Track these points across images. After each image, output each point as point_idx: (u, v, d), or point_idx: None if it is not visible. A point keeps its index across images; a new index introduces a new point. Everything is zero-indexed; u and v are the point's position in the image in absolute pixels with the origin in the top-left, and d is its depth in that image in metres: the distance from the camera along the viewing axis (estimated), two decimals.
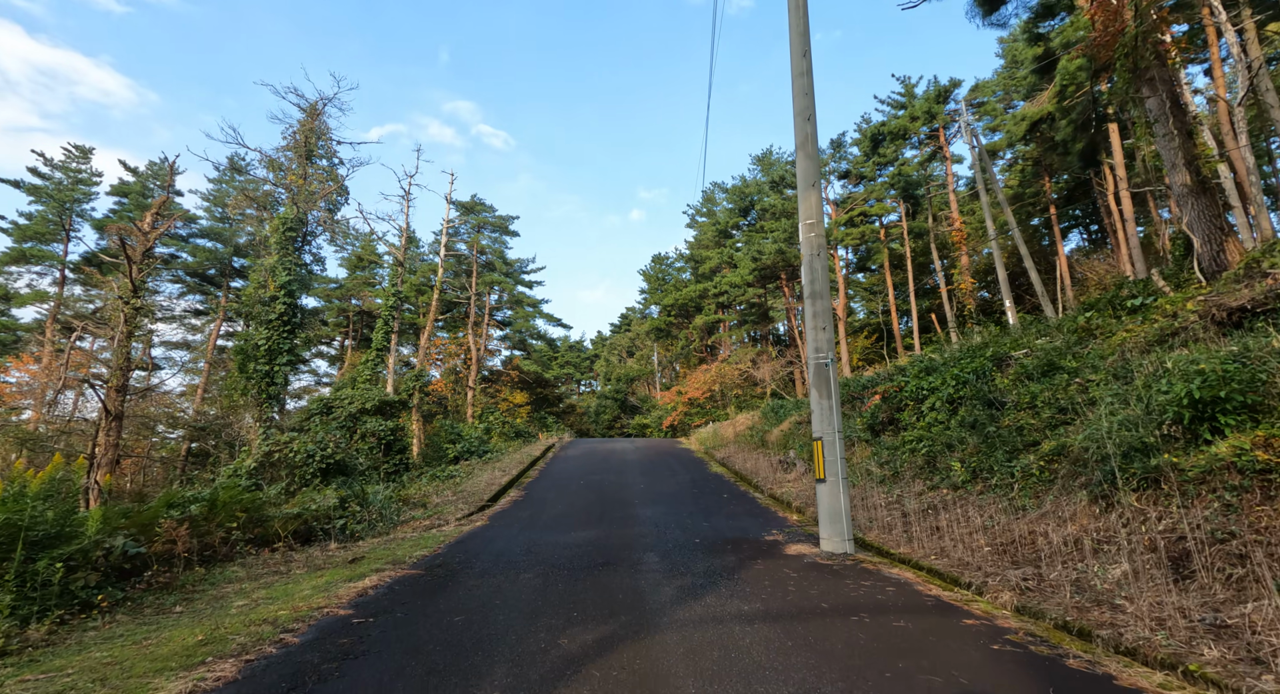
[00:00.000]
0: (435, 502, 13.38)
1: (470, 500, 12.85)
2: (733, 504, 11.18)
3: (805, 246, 7.76)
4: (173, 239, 31.66)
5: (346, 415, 21.81)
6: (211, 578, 6.20)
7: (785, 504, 11.16)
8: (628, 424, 52.59)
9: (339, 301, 38.68)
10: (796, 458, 14.80)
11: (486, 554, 7.38)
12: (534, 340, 48.52)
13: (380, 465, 21.04)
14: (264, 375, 18.67)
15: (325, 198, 21.65)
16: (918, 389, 11.36)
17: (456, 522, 10.61)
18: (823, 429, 7.25)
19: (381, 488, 13.40)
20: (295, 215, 20.07)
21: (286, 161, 21.61)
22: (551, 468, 18.04)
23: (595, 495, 12.46)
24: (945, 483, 8.56)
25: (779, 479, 13.64)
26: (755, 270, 40.34)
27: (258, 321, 19.11)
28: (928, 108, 31.16)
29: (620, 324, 74.34)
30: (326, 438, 17.59)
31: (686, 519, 9.54)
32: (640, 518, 9.75)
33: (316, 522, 9.72)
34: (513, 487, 14.86)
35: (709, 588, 5.43)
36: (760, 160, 48.68)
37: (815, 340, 7.44)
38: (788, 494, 11.78)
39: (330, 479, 17.31)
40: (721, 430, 23.60)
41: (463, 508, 12.05)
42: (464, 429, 30.41)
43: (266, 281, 19.40)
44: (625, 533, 8.48)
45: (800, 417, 17.70)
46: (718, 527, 8.89)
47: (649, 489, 13.11)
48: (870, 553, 7.02)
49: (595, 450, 22.51)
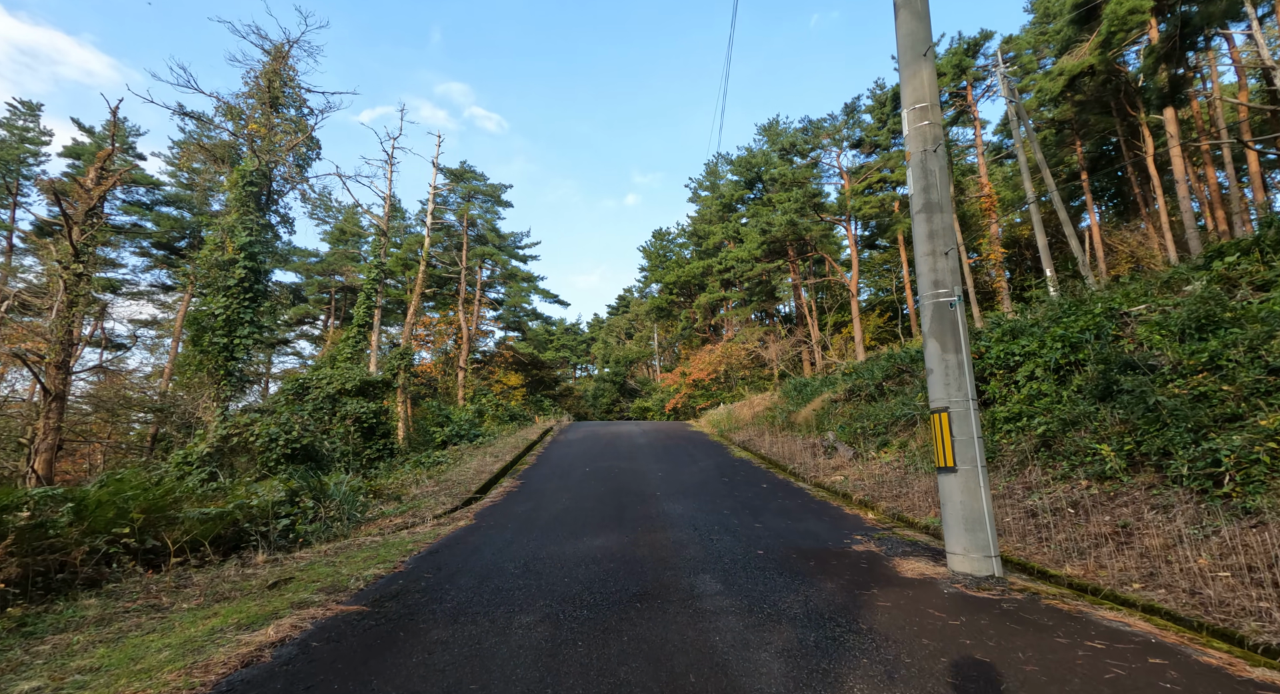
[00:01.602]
0: (414, 494, 11.19)
1: (455, 492, 10.66)
2: (780, 497, 9.02)
3: (915, 140, 5.50)
4: (135, 206, 29.02)
5: (324, 397, 19.59)
6: (31, 626, 3.99)
7: (844, 496, 9.02)
8: (627, 408, 50.51)
9: (320, 277, 36.11)
10: (837, 441, 12.69)
11: (467, 575, 5.19)
12: (530, 319, 46.13)
13: (362, 451, 18.91)
14: (222, 349, 16.36)
15: (293, 150, 19.15)
16: (1005, 355, 9.18)
17: (434, 520, 8.42)
18: (948, 396, 5.05)
19: (347, 478, 11.20)
20: (257, 168, 17.61)
21: (248, 110, 19.08)
22: (551, 453, 15.87)
23: (606, 486, 10.29)
24: (1083, 472, 6.40)
25: (821, 466, 11.51)
26: (764, 244, 38.02)
27: (214, 289, 16.74)
28: (957, 62, 28.67)
29: (618, 305, 71.95)
30: (292, 420, 15.36)
31: (731, 518, 7.38)
32: (670, 516, 7.57)
33: (252, 523, 7.50)
34: (506, 475, 12.68)
35: (834, 652, 3.26)
36: (767, 130, 46.03)
37: (934, 271, 5.21)
38: (841, 484, 9.65)
39: (297, 466, 15.17)
40: (737, 412, 21.47)
41: (445, 502, 9.86)
42: (453, 412, 28.27)
43: (224, 243, 17.00)
44: (657, 539, 6.31)
45: (834, 394, 15.55)
46: (777, 529, 6.72)
47: (670, 478, 10.94)
48: (1025, 575, 4.86)
49: (598, 434, 20.35)
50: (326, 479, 11.11)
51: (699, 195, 52.00)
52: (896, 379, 14.06)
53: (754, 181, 45.20)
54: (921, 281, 5.29)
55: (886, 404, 13.09)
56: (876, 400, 13.75)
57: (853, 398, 14.64)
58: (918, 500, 7.86)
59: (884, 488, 8.91)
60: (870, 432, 12.24)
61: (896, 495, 8.43)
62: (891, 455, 10.80)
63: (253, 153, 17.56)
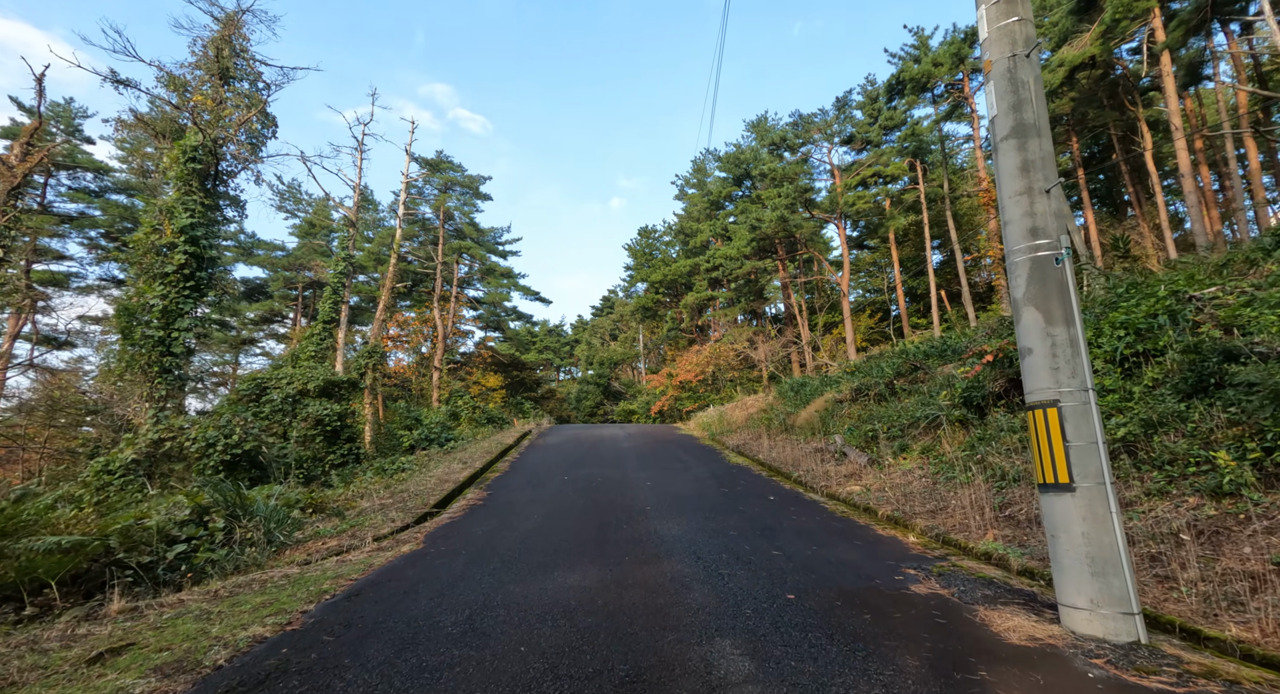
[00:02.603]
0: (362, 507, 9.58)
1: (409, 506, 9.09)
2: (793, 512, 7.59)
3: (999, 44, 4.12)
4: (82, 193, 26.89)
5: (283, 398, 17.86)
6: None
7: (867, 511, 7.63)
8: (611, 410, 48.97)
9: (287, 272, 34.09)
10: (846, 445, 11.33)
11: (383, 638, 3.68)
12: (511, 319, 44.35)
13: (325, 456, 17.19)
14: (157, 343, 14.61)
15: (245, 126, 17.40)
16: None
17: (374, 545, 6.86)
18: (1057, 385, 3.64)
19: (281, 490, 9.59)
20: (202, 143, 15.88)
21: (195, 82, 17.30)
22: (526, 459, 14.32)
23: (587, 499, 8.79)
24: (1188, 486, 5.06)
25: (832, 474, 10.12)
26: (753, 241, 36.77)
27: (149, 275, 14.97)
28: (955, 50, 27.69)
29: (602, 307, 70.41)
30: (233, 422, 13.64)
31: (740, 542, 5.93)
32: (665, 540, 6.11)
33: (133, 552, 5.90)
34: (473, 485, 11.11)
35: None
36: (755, 127, 44.89)
37: (1030, 215, 3.81)
38: (861, 496, 8.26)
39: (239, 475, 13.48)
40: (729, 414, 20.08)
41: (394, 518, 8.29)
42: (425, 414, 26.55)
43: (162, 225, 15.24)
44: (650, 576, 4.84)
45: (838, 394, 14.21)
46: (803, 559, 5.28)
47: (661, 489, 9.48)
48: (1168, 636, 3.46)
49: (580, 437, 18.82)
50: (254, 493, 9.49)
51: (686, 193, 50.72)
52: (909, 377, 12.76)
53: (742, 178, 44.03)
54: (1011, 231, 3.89)
55: (900, 404, 11.77)
56: (887, 400, 12.42)
57: (860, 398, 13.31)
58: (962, 517, 6.49)
59: (914, 501, 7.53)
60: (884, 435, 10.90)
61: (933, 511, 7.06)
62: (913, 462, 9.46)
63: (196, 126, 15.81)
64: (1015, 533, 5.77)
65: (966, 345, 12.20)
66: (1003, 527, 5.99)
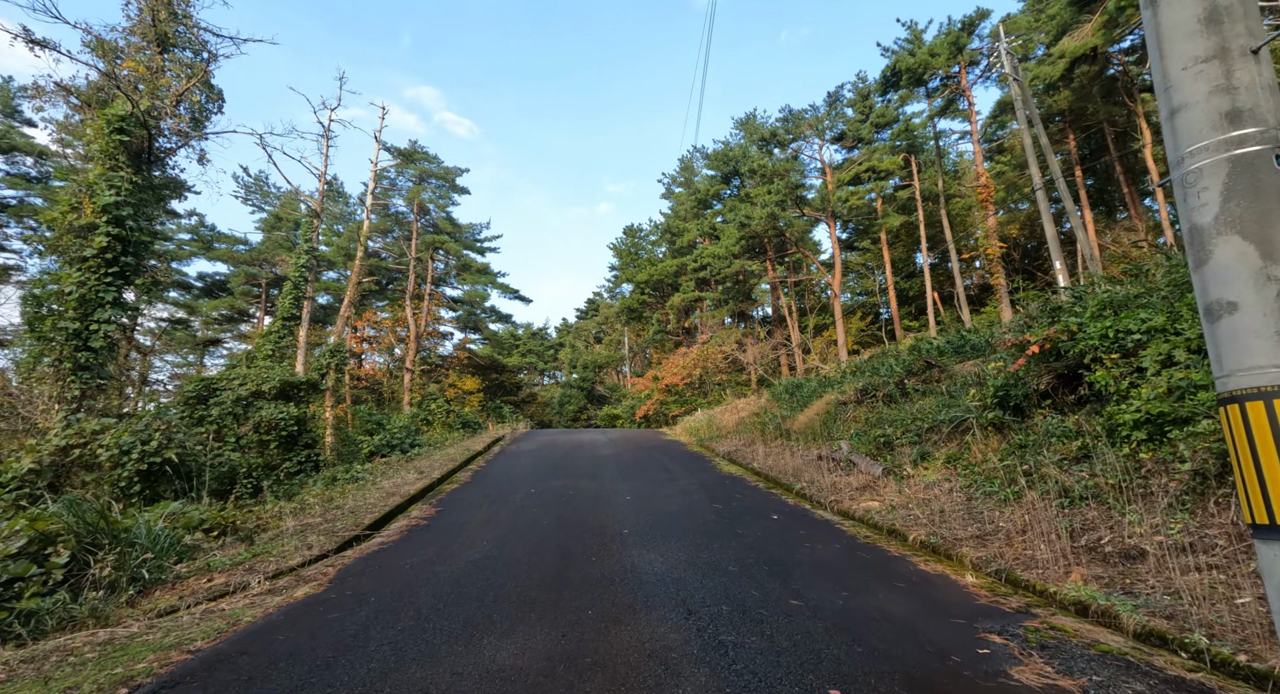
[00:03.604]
0: (286, 528, 7.94)
1: (337, 528, 7.49)
2: (805, 538, 6.12)
3: None
4: (20, 180, 24.85)
5: (234, 400, 16.08)
6: None
7: (893, 535, 6.19)
8: (595, 415, 47.39)
9: (250, 267, 32.08)
10: (854, 453, 9.92)
11: None
12: (491, 321, 42.54)
13: (279, 464, 15.46)
14: (71, 336, 12.85)
15: (184, 98, 15.68)
16: (1116, 334, 6.49)
17: (266, 585, 5.27)
18: (1269, 359, 2.20)
19: (181, 508, 7.95)
20: (131, 113, 14.16)
21: (130, 48, 15.58)
22: (493, 468, 12.74)
23: (552, 518, 7.25)
24: None
25: (841, 486, 8.69)
26: (742, 240, 35.48)
27: (66, 259, 13.22)
28: (954, 40, 26.65)
29: (587, 309, 68.87)
30: (152, 426, 11.89)
31: (745, 586, 4.43)
32: (644, 581, 4.60)
33: None
34: (424, 499, 9.51)
35: None
36: (744, 125, 43.71)
37: (1226, 89, 2.39)
38: (882, 515, 6.83)
39: (159, 488, 11.78)
40: (718, 418, 18.64)
41: (313, 544, 6.69)
42: (388, 418, 24.85)
43: (82, 204, 13.50)
44: (620, 647, 3.33)
45: (841, 395, 12.80)
46: (834, 614, 3.81)
47: (642, 505, 7.97)
48: None
49: (556, 443, 17.25)
50: (152, 512, 7.84)
51: (672, 192, 49.41)
52: (921, 376, 11.39)
53: (731, 176, 42.81)
54: (1187, 122, 2.47)
55: (914, 406, 10.39)
56: (898, 402, 11.04)
57: (866, 399, 11.92)
58: (1023, 546, 5.07)
59: (951, 523, 6.11)
60: (898, 441, 9.51)
61: (980, 536, 5.63)
62: (938, 472, 8.06)
63: (125, 95, 14.08)
64: (1108, 572, 4.34)
65: (988, 340, 10.88)
66: (1087, 562, 4.57)
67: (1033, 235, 36.23)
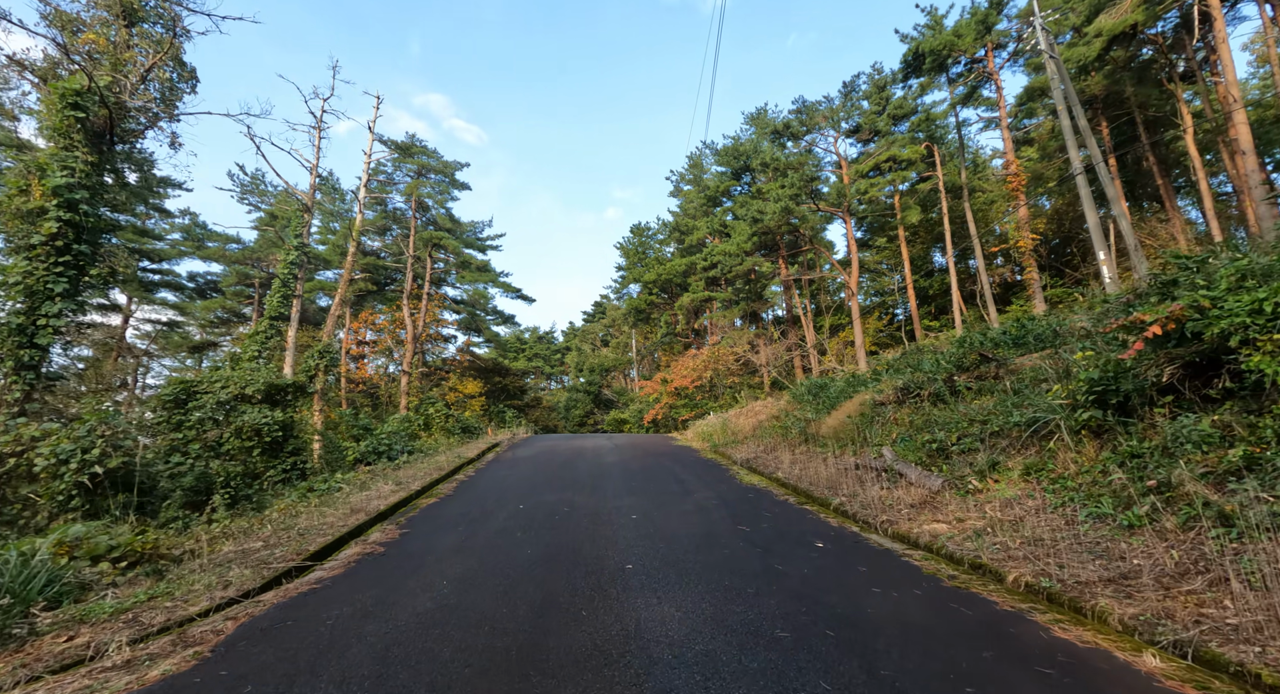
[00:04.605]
0: (222, 555, 6.51)
1: (275, 557, 6.04)
2: (867, 578, 4.60)
3: None
4: None
5: (215, 404, 14.73)
6: None
7: (987, 574, 4.66)
8: (602, 420, 45.91)
9: (242, 266, 30.88)
10: (899, 461, 8.39)
11: None
12: (495, 323, 41.12)
13: (263, 472, 14.11)
14: (14, 332, 11.54)
15: (153, 75, 14.43)
16: (1272, 308, 4.93)
17: (124, 653, 3.81)
18: None
19: (87, 532, 6.53)
20: (88, 87, 12.90)
21: (92, 21, 14.36)
22: (481, 478, 11.28)
23: (537, 547, 5.77)
24: None
25: (891, 502, 7.15)
26: (754, 235, 33.93)
27: (12, 247, 11.95)
28: (982, 18, 25.06)
29: (594, 312, 67.49)
30: (95, 432, 10.52)
31: (812, 675, 2.93)
32: (656, 658, 3.11)
33: None
34: (392, 516, 8.05)
35: None
36: (755, 119, 42.21)
37: None
38: (957, 543, 5.30)
39: (104, 501, 10.41)
40: (733, 422, 17.09)
41: (234, 581, 5.24)
42: (386, 421, 23.45)
43: (31, 187, 12.23)
44: None
45: (877, 394, 11.24)
46: None
47: (650, 527, 6.47)
48: None
49: (556, 450, 15.77)
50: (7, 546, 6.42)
51: (681, 189, 48.00)
52: (974, 371, 9.82)
53: (742, 172, 41.31)
54: None
55: (969, 406, 8.83)
56: (948, 402, 9.48)
57: (909, 399, 10.35)
58: (1195, 598, 3.54)
59: (1060, 555, 4.60)
60: (955, 447, 7.96)
61: (1114, 579, 4.09)
62: (1014, 486, 6.52)
63: (82, 69, 12.82)
64: None
65: (1055, 328, 9.30)
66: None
67: (1060, 230, 34.43)
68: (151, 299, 28.31)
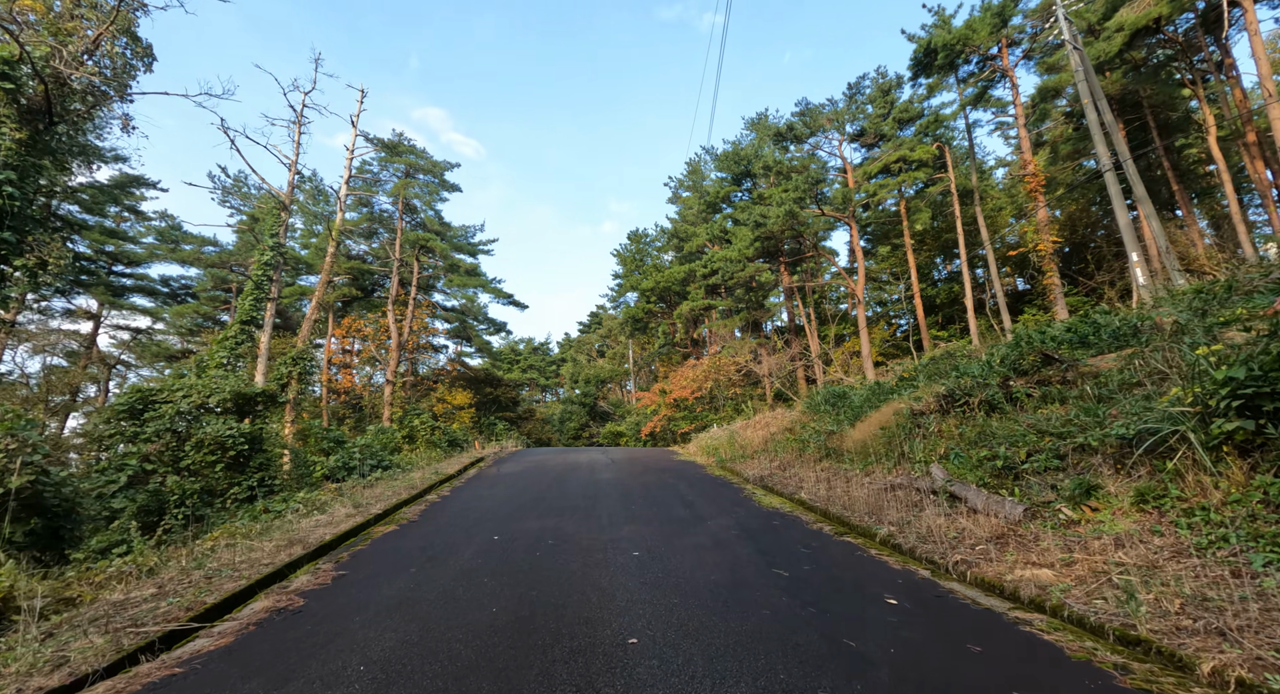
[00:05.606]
0: (101, 604, 4.96)
1: (156, 614, 4.49)
2: (987, 662, 3.10)
3: None
4: None
5: (174, 414, 13.18)
6: None
7: (1169, 663, 3.14)
8: (598, 432, 44.28)
9: (219, 269, 29.35)
10: (953, 482, 6.90)
11: None
12: (486, 332, 39.56)
13: (226, 490, 12.52)
14: None
15: (100, 49, 13.04)
16: None
17: None
18: None
19: None
20: (17, 57, 11.48)
21: None
22: (454, 500, 9.72)
23: (507, 602, 4.24)
24: None
25: (954, 534, 5.66)
26: (756, 241, 32.62)
27: None
28: (998, 11, 23.96)
29: (590, 322, 66.02)
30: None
31: None
32: None
33: None
34: (331, 552, 6.48)
35: None
36: (755, 125, 41.20)
37: None
38: (1087, 604, 3.80)
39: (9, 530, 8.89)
40: (741, 434, 15.57)
41: (72, 656, 3.70)
42: (367, 435, 21.84)
43: None
44: None
45: (915, 403, 9.76)
46: None
47: (658, 575, 4.94)
48: None
49: (547, 465, 14.20)
50: None
51: (680, 196, 46.82)
52: (1034, 375, 8.36)
53: (742, 177, 40.13)
54: None
55: (1034, 415, 7.34)
56: (1004, 411, 8.01)
57: (954, 408, 8.88)
58: None
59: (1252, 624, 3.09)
60: (1026, 467, 6.47)
61: None
62: (1127, 516, 5.06)
63: (11, 35, 11.41)
64: None
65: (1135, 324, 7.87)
66: None
67: (1073, 236, 33.26)
68: (121, 304, 26.72)
